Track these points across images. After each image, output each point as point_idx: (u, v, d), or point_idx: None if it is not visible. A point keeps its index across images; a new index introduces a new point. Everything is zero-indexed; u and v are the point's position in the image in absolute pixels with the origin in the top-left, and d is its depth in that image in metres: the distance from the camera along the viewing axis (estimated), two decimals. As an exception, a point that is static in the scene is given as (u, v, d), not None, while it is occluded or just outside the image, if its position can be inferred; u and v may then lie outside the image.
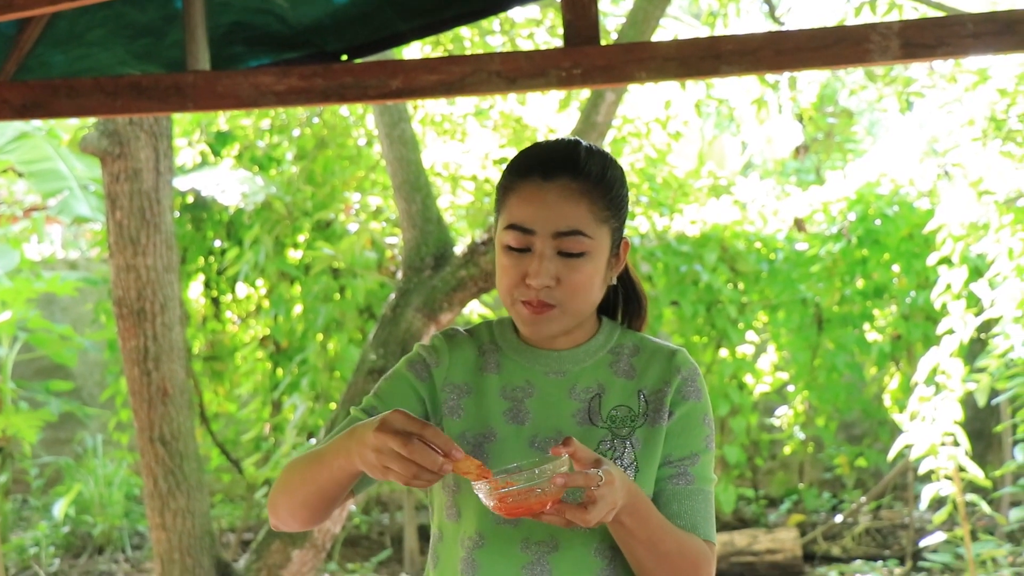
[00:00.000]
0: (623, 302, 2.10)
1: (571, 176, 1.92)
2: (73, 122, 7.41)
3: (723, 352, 8.21)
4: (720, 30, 7.35)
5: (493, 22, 7.49)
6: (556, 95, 7.91)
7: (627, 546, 1.89)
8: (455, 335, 2.06)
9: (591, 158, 1.95)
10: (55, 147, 7.35)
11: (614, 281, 2.02)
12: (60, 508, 7.97)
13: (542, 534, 1.90)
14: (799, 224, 8.63)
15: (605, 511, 1.75)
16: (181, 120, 7.68)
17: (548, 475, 1.72)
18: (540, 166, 1.93)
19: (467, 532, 1.93)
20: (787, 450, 8.43)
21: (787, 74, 7.68)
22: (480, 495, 1.75)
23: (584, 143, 1.99)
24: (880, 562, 7.62)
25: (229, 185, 7.42)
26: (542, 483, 1.71)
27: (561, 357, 2.00)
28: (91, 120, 5.03)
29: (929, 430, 6.51)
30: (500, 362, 2.02)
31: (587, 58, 2.80)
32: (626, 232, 2.04)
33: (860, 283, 8.11)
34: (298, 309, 7.66)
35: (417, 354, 2.04)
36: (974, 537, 7.34)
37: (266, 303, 7.82)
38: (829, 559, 7.83)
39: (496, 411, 1.97)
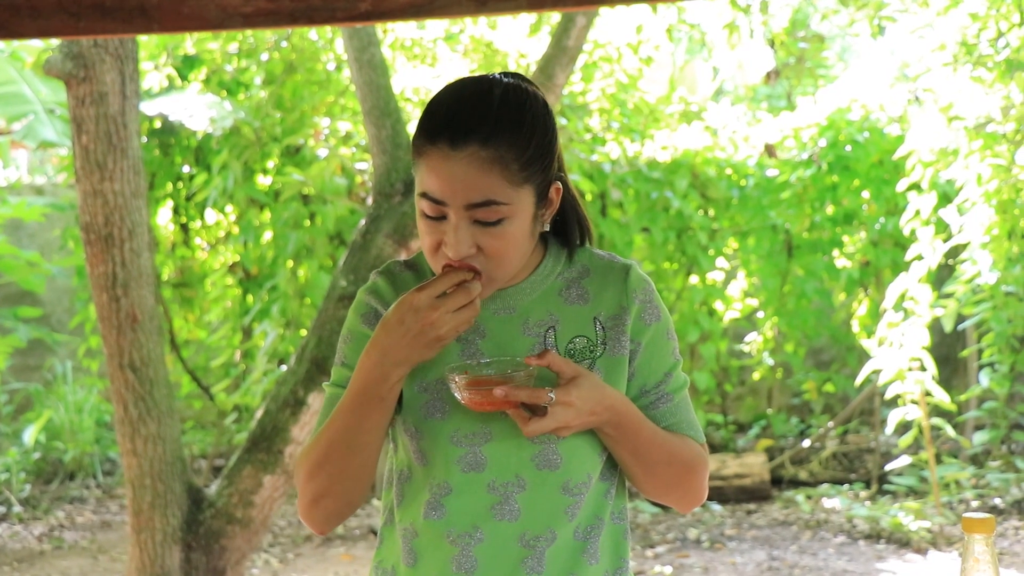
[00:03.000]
0: (564, 231, 1.98)
1: (480, 143, 1.78)
2: (37, 44, 7.29)
3: (693, 278, 8.25)
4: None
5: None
6: (527, 19, 7.85)
7: (616, 454, 1.92)
8: (398, 273, 1.98)
9: (505, 111, 1.81)
10: (19, 70, 7.24)
11: (546, 227, 1.93)
12: (30, 434, 7.97)
13: (508, 475, 1.88)
14: (770, 150, 8.64)
15: (551, 427, 1.80)
16: (147, 43, 7.58)
17: (518, 379, 1.79)
18: (447, 131, 1.79)
19: (435, 479, 1.89)
20: (756, 376, 8.49)
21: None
22: (452, 387, 1.80)
23: (500, 86, 1.84)
24: (846, 486, 7.73)
25: (197, 110, 7.35)
26: (507, 384, 1.78)
27: (507, 293, 1.93)
28: (55, 42, 4.95)
29: (897, 355, 6.57)
30: None
31: (558, -20, 2.77)
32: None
33: (830, 209, 8.14)
34: (268, 235, 7.63)
35: (366, 304, 1.96)
36: (938, 460, 7.44)
37: (235, 229, 7.79)
38: (796, 483, 7.93)
39: (450, 354, 1.90)
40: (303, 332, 7.17)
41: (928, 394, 6.64)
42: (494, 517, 1.88)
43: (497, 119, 1.80)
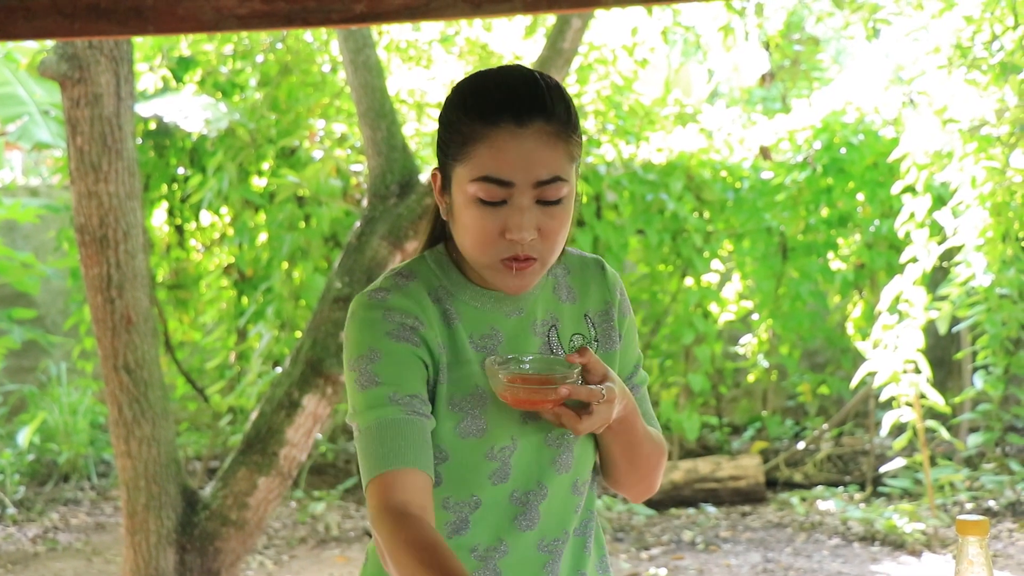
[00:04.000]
0: None
1: (544, 119, 1.76)
2: (31, 45, 7.29)
3: (688, 281, 8.25)
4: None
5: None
6: (522, 21, 7.85)
7: (609, 447, 1.93)
8: (407, 288, 1.85)
9: (552, 93, 1.79)
10: (13, 71, 7.24)
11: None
12: (25, 436, 7.96)
13: (531, 483, 1.86)
14: (765, 152, 8.64)
15: (597, 424, 1.79)
16: (142, 45, 7.58)
17: (558, 379, 1.76)
18: (510, 110, 1.75)
19: (461, 496, 1.84)
20: (751, 378, 8.49)
21: (754, 0, 7.64)
22: (496, 383, 1.77)
23: (535, 74, 1.81)
24: (841, 488, 7.73)
25: (192, 111, 7.34)
26: (550, 385, 1.75)
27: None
28: (49, 43, 4.95)
29: (891, 358, 6.58)
30: (458, 310, 1.87)
31: (553, -18, 2.77)
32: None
33: (825, 212, 8.14)
34: (263, 237, 7.62)
35: (388, 321, 1.81)
36: (933, 463, 7.45)
37: (230, 231, 7.78)
38: (791, 485, 7.93)
39: (473, 365, 1.86)
40: (298, 334, 7.16)
41: (922, 396, 6.64)
42: (517, 528, 1.87)
43: (550, 96, 1.79)
